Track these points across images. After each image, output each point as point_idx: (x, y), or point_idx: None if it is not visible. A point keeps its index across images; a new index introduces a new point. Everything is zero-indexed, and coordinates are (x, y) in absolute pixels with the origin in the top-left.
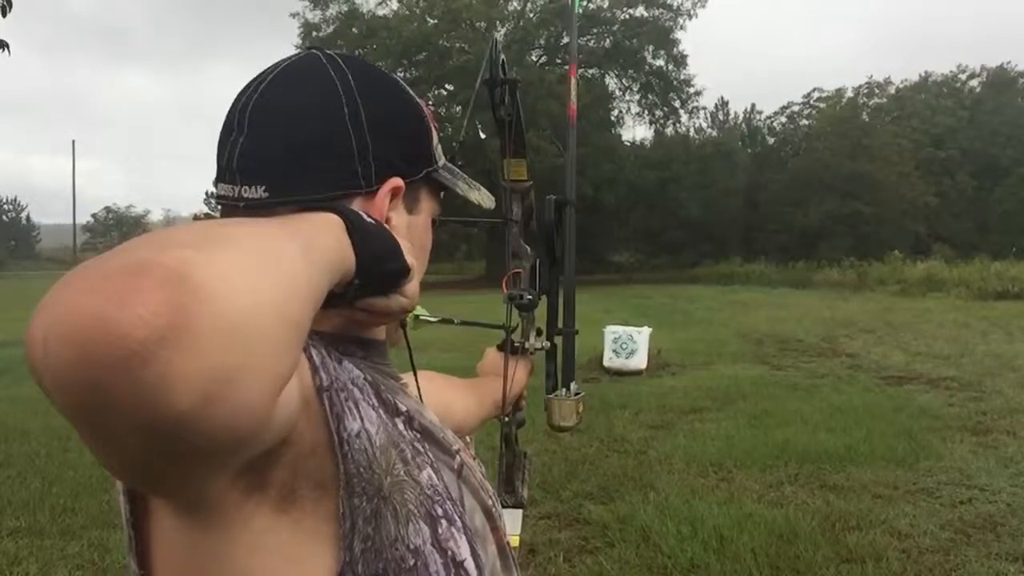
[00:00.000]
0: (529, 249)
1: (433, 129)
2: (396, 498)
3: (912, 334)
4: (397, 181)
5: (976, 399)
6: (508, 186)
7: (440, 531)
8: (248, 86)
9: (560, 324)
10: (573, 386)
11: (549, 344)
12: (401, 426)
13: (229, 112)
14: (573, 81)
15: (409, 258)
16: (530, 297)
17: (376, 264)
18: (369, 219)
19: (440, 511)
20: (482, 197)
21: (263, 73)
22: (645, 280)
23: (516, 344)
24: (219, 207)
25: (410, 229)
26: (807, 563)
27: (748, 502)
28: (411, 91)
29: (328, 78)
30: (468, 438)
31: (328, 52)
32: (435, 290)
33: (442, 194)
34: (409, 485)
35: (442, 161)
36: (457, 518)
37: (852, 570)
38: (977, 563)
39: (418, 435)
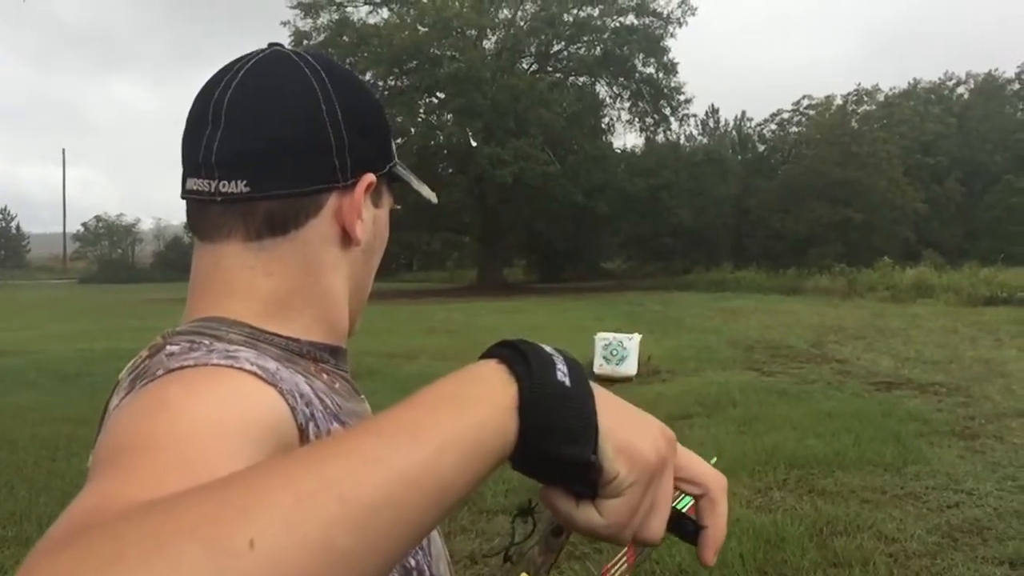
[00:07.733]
0: None
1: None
2: None
3: (901, 340)
4: (371, 176)
5: (964, 404)
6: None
7: None
8: (215, 81)
9: None
10: None
11: None
12: None
13: (197, 107)
14: None
15: (614, 458)
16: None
17: (542, 440)
18: (562, 368)
19: (412, 563)
20: (428, 192)
21: (229, 69)
22: (637, 287)
23: None
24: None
25: (375, 223)
26: (795, 568)
27: (736, 507)
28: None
29: (302, 74)
30: None
31: (293, 49)
32: (427, 298)
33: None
34: None
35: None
36: (426, 568)
37: (839, 575)
38: (964, 567)
39: None
